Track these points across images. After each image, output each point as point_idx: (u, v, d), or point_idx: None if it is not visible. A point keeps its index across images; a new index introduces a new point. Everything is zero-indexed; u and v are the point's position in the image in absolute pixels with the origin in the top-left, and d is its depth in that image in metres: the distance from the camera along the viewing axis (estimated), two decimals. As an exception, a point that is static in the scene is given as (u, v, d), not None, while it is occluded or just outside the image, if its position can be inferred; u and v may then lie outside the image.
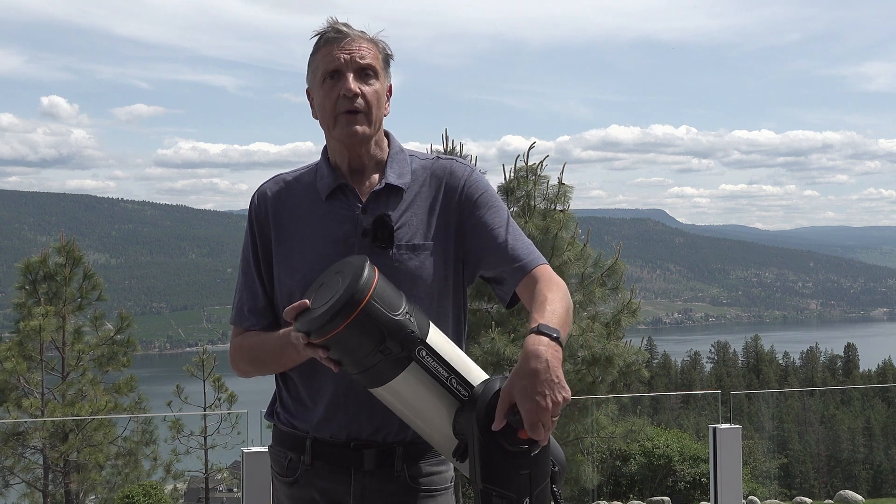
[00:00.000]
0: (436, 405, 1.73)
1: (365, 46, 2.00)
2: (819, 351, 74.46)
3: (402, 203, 2.03)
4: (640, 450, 13.73)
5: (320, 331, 1.68)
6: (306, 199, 2.06)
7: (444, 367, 1.72)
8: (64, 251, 15.78)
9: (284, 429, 2.07)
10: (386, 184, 2.03)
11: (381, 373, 1.70)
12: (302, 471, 2.02)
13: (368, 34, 2.03)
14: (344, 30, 2.00)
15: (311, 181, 2.08)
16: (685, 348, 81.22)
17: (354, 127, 1.98)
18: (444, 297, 2.04)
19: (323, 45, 2.01)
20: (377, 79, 2.01)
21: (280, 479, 2.08)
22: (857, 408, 24.15)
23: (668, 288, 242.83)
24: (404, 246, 2.00)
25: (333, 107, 1.98)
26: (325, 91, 1.99)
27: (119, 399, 15.45)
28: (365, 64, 1.98)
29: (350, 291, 1.66)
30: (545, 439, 1.66)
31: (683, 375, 61.22)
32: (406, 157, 2.10)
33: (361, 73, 1.98)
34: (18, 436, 14.38)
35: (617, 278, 11.44)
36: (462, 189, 2.06)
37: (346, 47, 1.98)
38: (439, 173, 2.08)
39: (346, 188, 2.04)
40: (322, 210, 2.03)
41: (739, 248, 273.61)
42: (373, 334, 1.66)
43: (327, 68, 1.99)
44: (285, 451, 2.06)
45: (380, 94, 2.01)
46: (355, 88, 1.96)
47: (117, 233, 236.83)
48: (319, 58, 2.01)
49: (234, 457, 14.23)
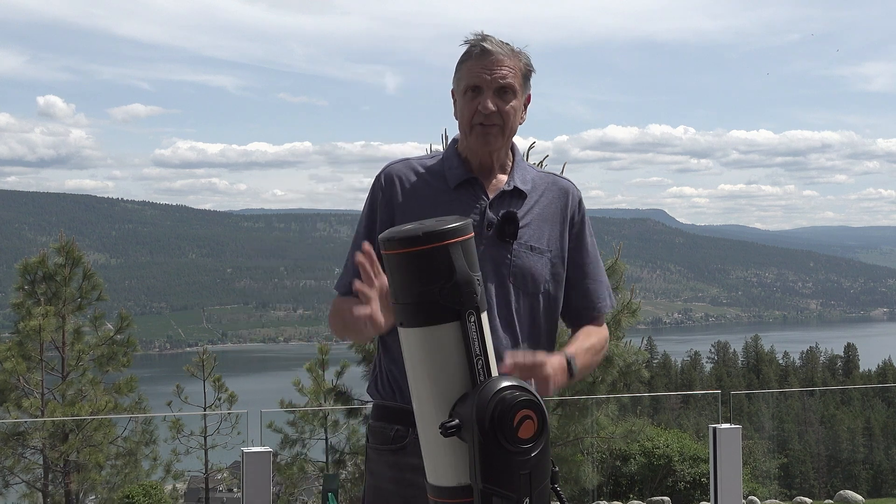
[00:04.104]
0: (451, 373, 1.71)
1: (507, 66, 2.16)
2: (819, 351, 74.48)
3: (525, 207, 2.22)
4: (640, 450, 13.72)
5: (406, 241, 1.68)
6: (433, 185, 2.22)
7: (479, 344, 1.71)
8: (63, 251, 15.77)
9: (389, 403, 2.22)
10: (514, 186, 2.22)
11: (426, 313, 1.69)
12: (410, 440, 2.12)
13: (512, 47, 2.19)
14: (489, 48, 2.15)
15: (440, 169, 2.24)
16: (685, 348, 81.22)
17: (489, 140, 2.17)
18: (551, 302, 2.24)
19: (469, 59, 2.17)
20: (515, 97, 2.18)
21: (383, 449, 2.22)
22: (857, 408, 24.11)
23: (668, 288, 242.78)
24: (524, 244, 2.18)
25: (471, 117, 2.17)
26: (466, 101, 2.18)
27: (119, 399, 15.45)
28: (505, 84, 2.16)
29: (452, 223, 1.70)
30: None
31: (683, 375, 61.20)
32: (527, 167, 2.31)
33: (501, 91, 2.16)
34: (18, 436, 14.38)
35: (617, 278, 11.44)
36: (577, 210, 2.29)
37: (489, 67, 2.15)
38: (559, 189, 2.29)
39: (475, 182, 2.21)
40: (449, 197, 2.19)
41: (739, 248, 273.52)
42: (444, 271, 1.67)
43: (469, 83, 2.17)
44: (391, 424, 2.21)
45: (516, 109, 2.19)
46: (492, 107, 2.14)
47: (117, 233, 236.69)
48: (465, 70, 2.18)
49: (234, 457, 14.21)
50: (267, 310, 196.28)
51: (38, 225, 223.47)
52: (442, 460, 1.74)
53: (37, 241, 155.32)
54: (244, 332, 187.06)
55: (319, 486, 14.31)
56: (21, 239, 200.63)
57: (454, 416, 1.69)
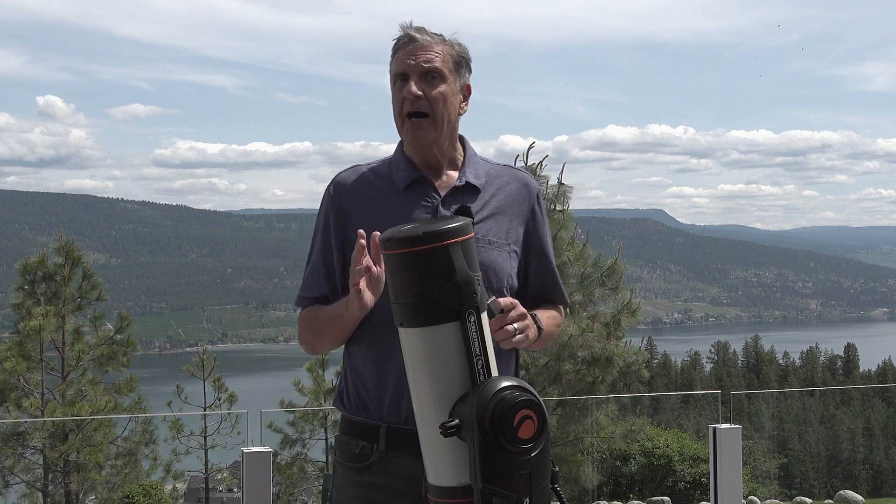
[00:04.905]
0: (451, 373, 1.71)
1: (434, 51, 2.12)
2: (819, 351, 74.44)
3: (480, 201, 2.18)
4: (640, 450, 13.72)
5: (407, 241, 1.69)
6: (383, 189, 2.17)
7: (479, 344, 1.72)
8: (63, 251, 15.77)
9: (355, 418, 2.14)
10: (466, 182, 2.18)
11: (426, 313, 1.70)
12: (376, 458, 2.09)
13: (443, 36, 2.15)
14: (415, 36, 2.12)
15: (388, 173, 2.20)
16: (685, 348, 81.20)
17: (420, 132, 2.11)
18: (515, 296, 2.15)
19: (396, 50, 2.15)
20: (444, 82, 2.12)
21: (349, 466, 2.14)
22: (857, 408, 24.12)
23: (668, 288, 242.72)
24: (482, 239, 2.13)
25: (401, 107, 2.12)
26: (395, 93, 2.15)
27: (119, 399, 15.44)
28: (430, 68, 2.11)
29: (453, 222, 1.72)
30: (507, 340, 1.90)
31: (683, 375, 61.17)
32: (479, 161, 2.26)
33: (427, 76, 2.11)
34: (18, 436, 14.37)
35: (617, 278, 11.44)
36: (536, 203, 2.25)
37: (413, 52, 2.11)
38: (517, 183, 2.25)
39: (424, 181, 2.17)
40: (399, 199, 2.15)
41: (739, 248, 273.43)
42: (444, 271, 1.68)
43: (397, 71, 2.13)
44: (356, 439, 2.13)
45: (446, 95, 2.12)
46: (416, 91, 2.09)
47: (117, 233, 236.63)
48: (393, 63, 2.15)
49: (234, 457, 14.21)
50: (267, 310, 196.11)
51: (38, 225, 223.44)
52: (442, 460, 1.74)
53: (37, 241, 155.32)
54: (244, 332, 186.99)
55: (319, 486, 14.32)
56: (21, 239, 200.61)
57: (454, 416, 1.69)
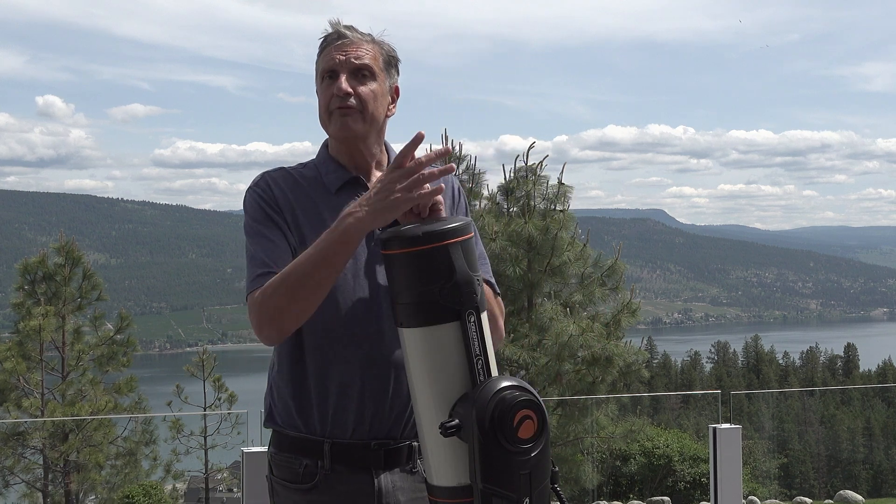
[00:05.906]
0: (451, 373, 1.71)
1: (364, 48, 2.04)
2: (819, 351, 74.47)
3: None
4: (640, 450, 13.72)
5: (407, 241, 1.69)
6: (314, 192, 2.07)
7: (479, 344, 1.71)
8: (63, 251, 15.77)
9: (294, 433, 2.00)
10: None
11: (426, 313, 1.70)
12: (321, 476, 1.96)
13: (373, 35, 2.08)
14: (345, 32, 2.05)
15: (315, 175, 2.10)
16: (685, 348, 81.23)
17: (347, 121, 2.01)
18: None
19: (325, 47, 2.06)
20: (374, 79, 2.04)
21: (293, 487, 1.99)
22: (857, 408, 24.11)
23: (668, 288, 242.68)
24: None
25: (328, 104, 2.03)
26: (323, 90, 2.05)
27: (119, 399, 15.44)
28: (360, 64, 2.03)
29: (452, 223, 1.73)
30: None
31: (683, 375, 61.19)
32: None
33: (357, 73, 2.03)
34: (18, 436, 14.37)
35: (617, 278, 11.43)
36: (458, 196, 2.17)
37: (343, 48, 2.03)
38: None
39: (357, 182, 2.07)
40: (332, 203, 2.04)
41: (739, 248, 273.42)
42: (444, 271, 1.68)
43: (326, 68, 2.04)
44: (298, 457, 1.99)
45: (376, 93, 2.04)
46: (347, 87, 2.00)
47: (117, 233, 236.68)
48: (321, 59, 2.07)
49: (234, 457, 14.21)
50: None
51: (38, 225, 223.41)
52: (442, 460, 1.73)
53: (37, 241, 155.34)
54: (244, 332, 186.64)
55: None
56: (21, 239, 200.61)
57: (454, 416, 1.68)
